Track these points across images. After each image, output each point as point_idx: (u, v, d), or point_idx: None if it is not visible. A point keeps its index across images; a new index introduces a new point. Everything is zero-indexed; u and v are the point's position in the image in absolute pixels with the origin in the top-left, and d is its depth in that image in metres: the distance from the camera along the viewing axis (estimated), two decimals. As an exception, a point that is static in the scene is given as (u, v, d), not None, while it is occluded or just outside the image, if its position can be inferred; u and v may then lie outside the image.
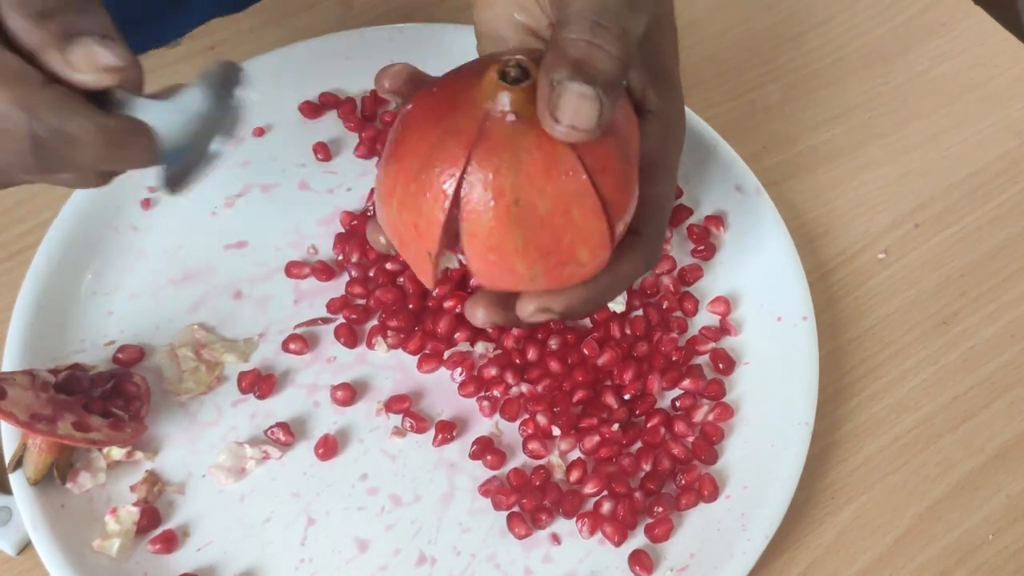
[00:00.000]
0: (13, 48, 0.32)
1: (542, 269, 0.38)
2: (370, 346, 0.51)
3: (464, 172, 0.36)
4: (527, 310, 0.38)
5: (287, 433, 0.48)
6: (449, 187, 0.36)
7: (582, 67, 0.34)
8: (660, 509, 0.47)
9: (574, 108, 0.34)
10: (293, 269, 0.53)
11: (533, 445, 0.48)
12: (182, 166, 0.36)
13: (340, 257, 0.54)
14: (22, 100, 0.31)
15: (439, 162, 0.36)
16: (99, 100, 0.34)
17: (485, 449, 0.48)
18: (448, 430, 0.49)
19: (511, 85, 0.36)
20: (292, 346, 0.51)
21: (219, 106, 0.36)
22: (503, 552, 0.46)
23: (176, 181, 0.37)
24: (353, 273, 0.53)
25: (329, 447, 0.48)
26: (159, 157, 0.36)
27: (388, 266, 0.53)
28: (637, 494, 0.47)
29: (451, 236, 0.38)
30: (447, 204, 0.36)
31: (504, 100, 0.36)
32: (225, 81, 0.36)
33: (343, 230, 0.55)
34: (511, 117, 0.36)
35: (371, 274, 0.53)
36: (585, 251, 0.38)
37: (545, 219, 0.36)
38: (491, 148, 0.36)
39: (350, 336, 0.51)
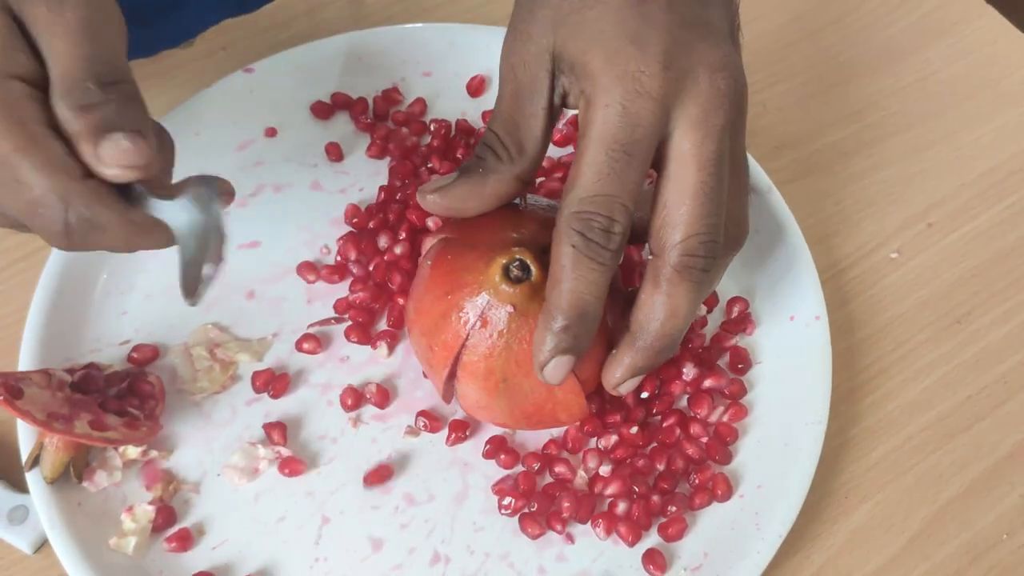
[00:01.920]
0: (59, 133, 0.36)
1: (525, 425, 0.46)
2: (374, 346, 0.51)
3: (462, 349, 0.43)
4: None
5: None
6: (449, 356, 0.43)
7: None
8: (674, 508, 0.47)
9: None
10: (305, 269, 0.54)
11: (551, 450, 0.49)
12: (188, 274, 0.39)
13: (341, 258, 0.54)
14: (60, 189, 0.35)
15: (444, 332, 0.43)
16: (121, 190, 0.37)
17: (499, 448, 0.48)
18: (462, 429, 0.49)
19: (513, 283, 0.41)
20: (305, 345, 0.51)
21: (207, 220, 0.39)
22: (517, 551, 0.46)
23: (190, 290, 0.39)
24: (355, 271, 0.53)
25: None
26: (170, 245, 0.39)
27: (386, 257, 0.53)
28: (655, 497, 0.47)
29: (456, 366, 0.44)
30: (448, 366, 0.43)
31: (505, 295, 0.41)
32: (211, 196, 0.39)
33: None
34: (510, 309, 0.42)
35: (371, 269, 0.53)
36: (564, 415, 0.45)
37: (529, 394, 0.43)
38: (488, 333, 0.42)
39: (362, 336, 0.52)
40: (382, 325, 0.52)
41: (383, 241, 0.54)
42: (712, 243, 0.39)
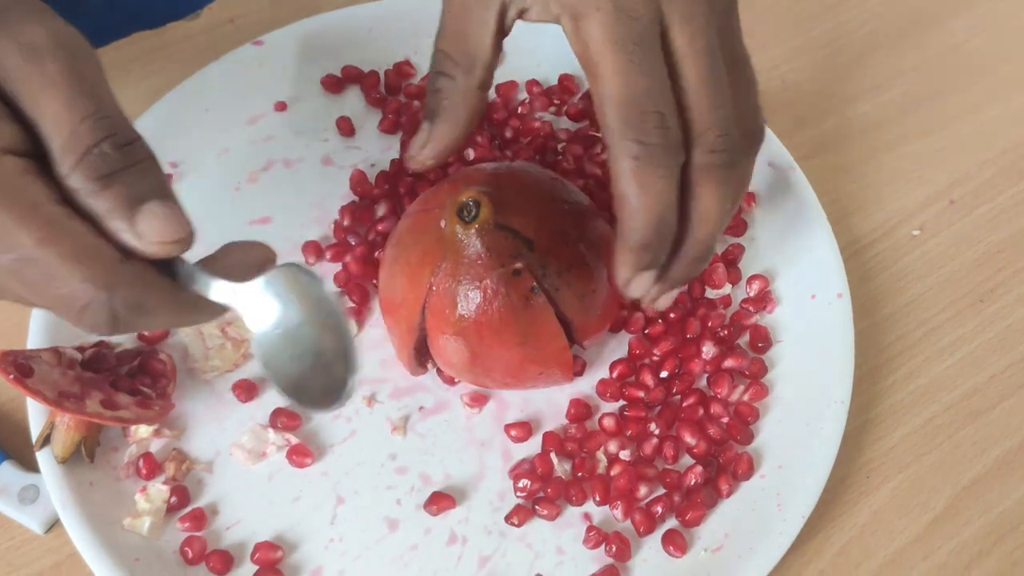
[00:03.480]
0: (74, 208, 0.31)
1: (509, 375, 0.46)
2: (360, 327, 0.51)
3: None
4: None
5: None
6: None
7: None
8: (698, 500, 0.46)
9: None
10: (310, 250, 0.53)
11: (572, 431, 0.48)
12: (279, 375, 0.35)
13: (335, 226, 0.53)
14: (102, 279, 0.31)
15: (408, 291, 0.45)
16: (162, 265, 0.33)
17: (513, 425, 0.48)
18: (479, 402, 0.48)
19: (461, 221, 0.43)
20: (318, 323, 0.50)
21: (303, 313, 0.34)
22: (535, 531, 0.46)
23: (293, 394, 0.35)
24: (353, 242, 0.52)
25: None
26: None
27: (380, 227, 0.52)
28: (676, 496, 0.46)
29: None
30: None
31: (450, 230, 0.43)
32: (300, 281, 0.34)
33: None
34: (445, 224, 0.43)
35: (370, 239, 0.52)
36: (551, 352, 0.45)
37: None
38: (430, 251, 0.44)
39: (356, 315, 0.51)
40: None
41: (381, 210, 0.53)
42: (727, 135, 0.39)
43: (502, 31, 0.41)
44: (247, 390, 0.48)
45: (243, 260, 0.35)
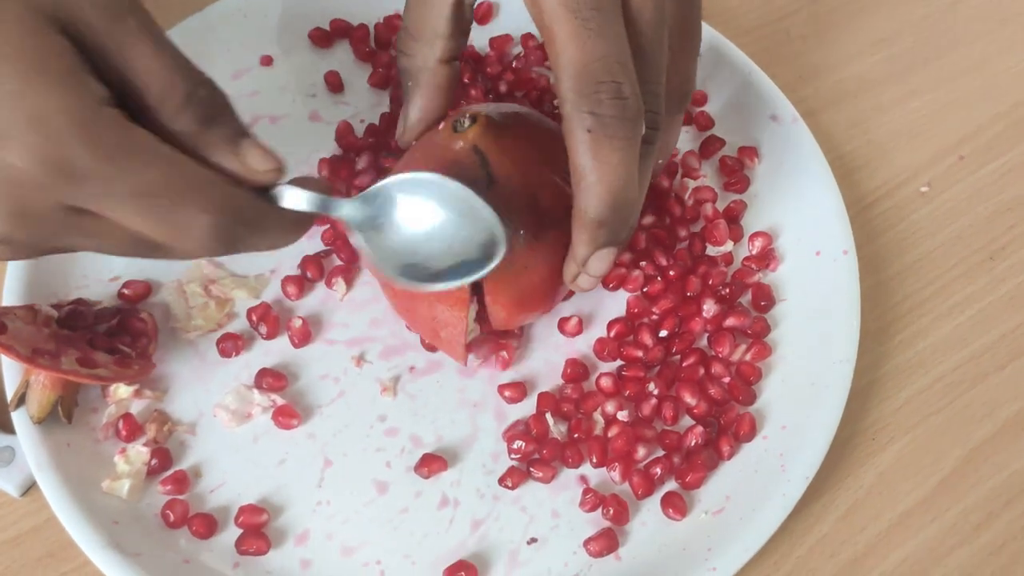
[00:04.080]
0: (176, 144, 0.33)
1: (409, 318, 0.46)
2: (329, 285, 0.49)
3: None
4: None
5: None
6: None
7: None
8: (699, 462, 0.44)
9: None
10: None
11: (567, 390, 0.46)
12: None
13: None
14: (225, 203, 0.34)
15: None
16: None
17: (508, 386, 0.46)
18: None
19: (451, 130, 0.43)
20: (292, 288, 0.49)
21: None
22: (529, 494, 0.44)
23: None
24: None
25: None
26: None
27: (358, 181, 0.51)
28: (675, 458, 0.44)
29: None
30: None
31: (440, 135, 0.43)
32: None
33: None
34: (441, 128, 0.44)
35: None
36: (444, 331, 0.44)
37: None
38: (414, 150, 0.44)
39: (346, 273, 0.49)
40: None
41: (361, 162, 0.51)
42: (651, 114, 0.38)
43: (461, 3, 0.41)
44: (231, 349, 0.47)
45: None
